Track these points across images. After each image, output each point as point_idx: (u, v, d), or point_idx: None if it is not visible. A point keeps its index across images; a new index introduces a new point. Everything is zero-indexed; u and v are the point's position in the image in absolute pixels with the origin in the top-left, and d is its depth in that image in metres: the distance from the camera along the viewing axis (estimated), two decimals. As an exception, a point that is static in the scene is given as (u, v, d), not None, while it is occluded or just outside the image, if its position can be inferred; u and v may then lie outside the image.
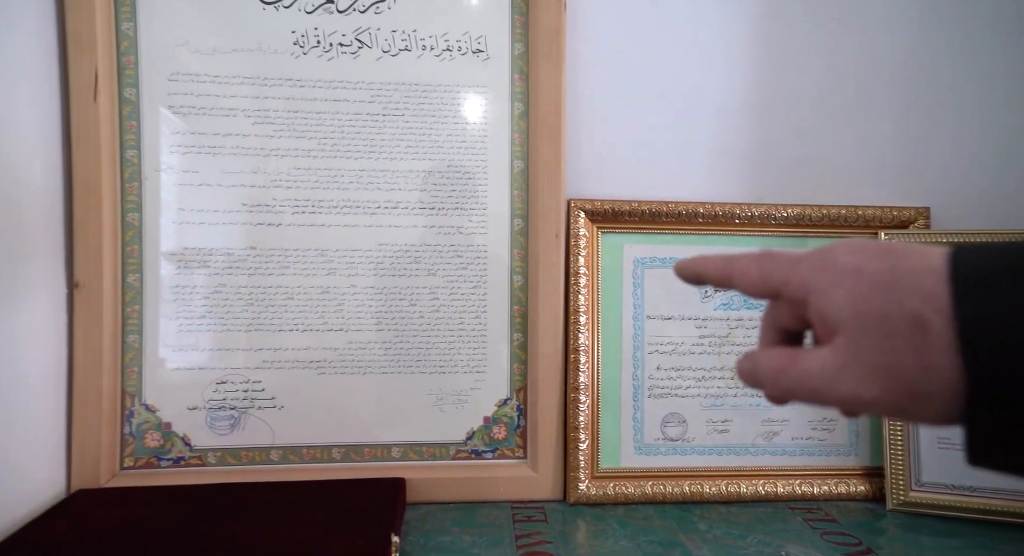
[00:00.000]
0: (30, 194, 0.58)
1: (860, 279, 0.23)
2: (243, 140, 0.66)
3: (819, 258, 0.25)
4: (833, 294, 0.24)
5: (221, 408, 0.67)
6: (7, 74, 0.55)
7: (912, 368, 0.21)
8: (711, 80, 0.73)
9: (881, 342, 0.22)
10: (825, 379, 0.23)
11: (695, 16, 0.72)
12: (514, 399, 0.71)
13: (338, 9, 0.66)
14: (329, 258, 0.68)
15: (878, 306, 0.22)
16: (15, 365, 0.56)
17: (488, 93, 0.69)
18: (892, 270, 0.23)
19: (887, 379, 0.22)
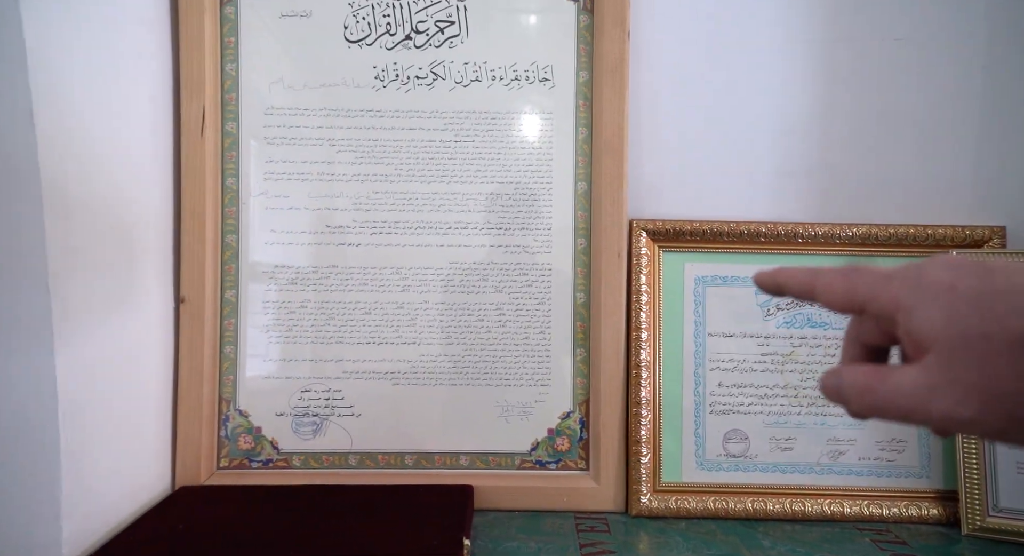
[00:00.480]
0: (145, 218, 0.65)
1: (955, 296, 0.22)
2: (328, 167, 0.72)
3: (911, 274, 0.25)
4: (926, 311, 0.23)
5: (305, 415, 0.72)
6: (131, 112, 0.62)
7: (1014, 392, 0.21)
8: (772, 102, 0.74)
9: (980, 363, 0.21)
10: (916, 398, 0.23)
11: (754, 42, 0.74)
12: (577, 412, 0.73)
13: (415, 45, 0.72)
14: (404, 276, 0.73)
15: (976, 325, 0.22)
16: (130, 373, 0.63)
17: (554, 119, 0.73)
18: (991, 288, 0.22)
19: (986, 402, 0.21)
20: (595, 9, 0.71)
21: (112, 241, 0.59)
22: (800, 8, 0.74)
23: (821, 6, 0.74)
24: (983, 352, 0.21)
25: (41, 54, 0.49)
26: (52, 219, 0.50)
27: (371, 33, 0.71)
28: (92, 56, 0.56)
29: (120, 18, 0.60)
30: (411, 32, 0.72)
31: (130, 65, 0.62)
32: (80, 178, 0.54)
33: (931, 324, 0.23)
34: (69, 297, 0.53)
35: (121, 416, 0.61)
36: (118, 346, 0.60)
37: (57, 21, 0.51)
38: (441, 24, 0.72)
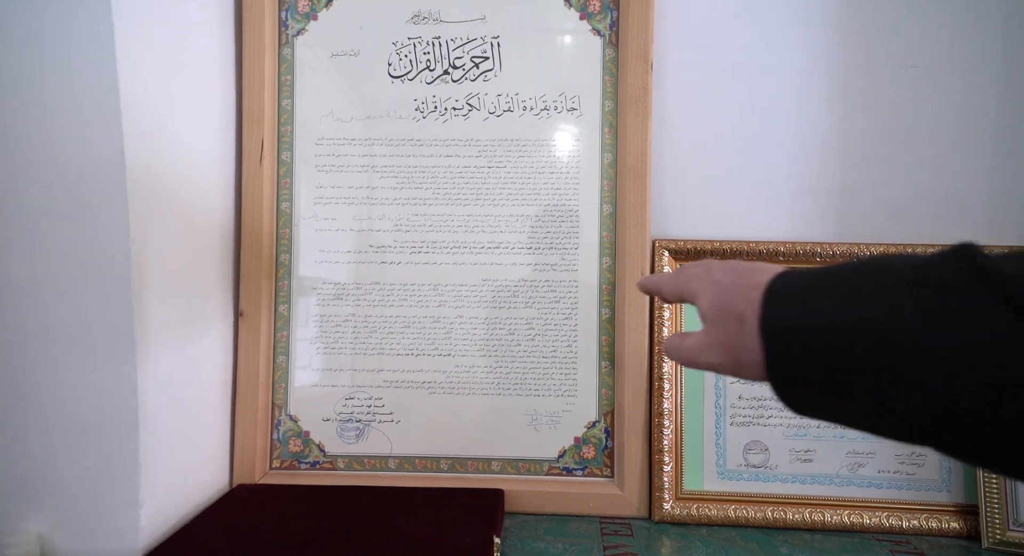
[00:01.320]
0: (211, 240, 0.72)
1: (718, 288, 0.36)
2: (371, 192, 0.78)
3: (703, 274, 0.38)
4: (704, 298, 0.37)
5: (349, 420, 0.78)
6: (200, 144, 0.69)
7: (736, 346, 0.34)
8: (790, 126, 0.78)
9: (723, 329, 0.35)
10: (695, 352, 0.37)
11: (772, 69, 0.78)
12: (602, 422, 0.77)
13: (453, 79, 0.78)
14: (440, 292, 0.78)
15: (724, 306, 0.35)
16: (196, 380, 0.69)
17: (580, 145, 0.78)
18: (734, 283, 0.35)
19: (724, 352, 0.35)
20: (620, 43, 0.76)
21: (183, 261, 0.66)
22: (817, 36, 0.78)
23: (837, 34, 0.77)
24: (725, 323, 0.34)
25: (131, 91, 0.56)
26: (137, 245, 0.57)
27: (412, 69, 0.78)
28: (171, 92, 0.63)
29: (193, 61, 0.68)
30: (449, 67, 0.78)
31: (201, 102, 0.70)
32: (158, 206, 0.61)
33: (706, 306, 0.36)
34: (148, 313, 0.59)
35: (188, 419, 0.67)
36: (187, 356, 0.67)
37: (144, 62, 0.59)
38: (476, 60, 0.78)
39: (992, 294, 0.24)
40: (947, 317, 0.25)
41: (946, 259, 0.26)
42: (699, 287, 0.37)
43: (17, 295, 0.56)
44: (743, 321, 0.33)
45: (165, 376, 0.63)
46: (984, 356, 0.23)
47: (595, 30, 0.77)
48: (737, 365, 0.34)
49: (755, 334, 0.32)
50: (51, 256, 0.56)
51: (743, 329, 0.33)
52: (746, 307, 0.33)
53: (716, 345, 0.35)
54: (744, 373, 0.34)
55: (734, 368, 0.34)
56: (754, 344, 0.32)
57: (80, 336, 0.57)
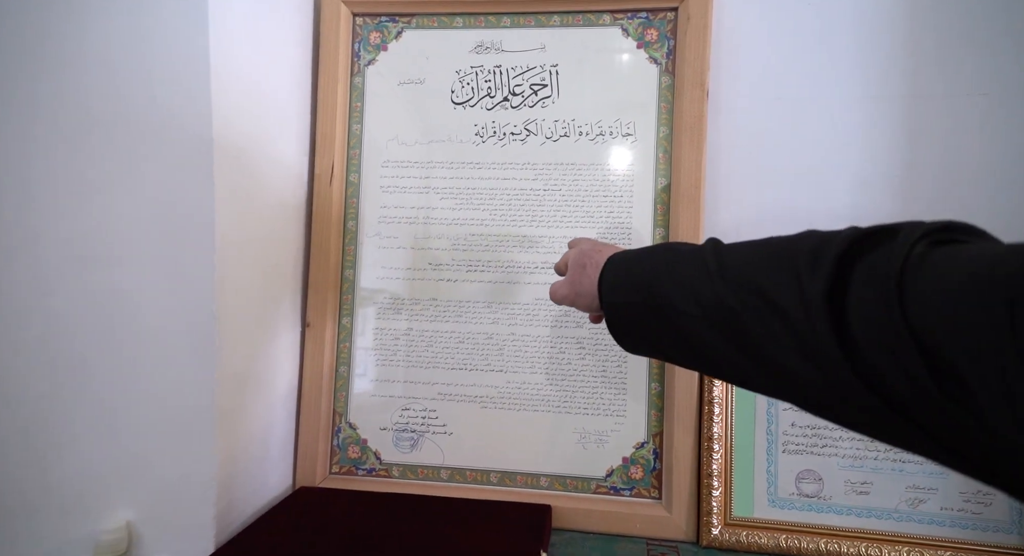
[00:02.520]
0: (284, 255, 0.78)
1: (579, 252, 0.54)
2: (432, 212, 0.82)
3: (576, 247, 0.57)
4: (571, 259, 0.54)
5: (404, 430, 0.81)
6: (278, 166, 0.75)
7: (577, 282, 0.52)
8: (852, 156, 0.77)
9: (572, 273, 0.53)
10: (558, 288, 0.55)
11: (831, 98, 0.78)
12: (651, 443, 0.78)
13: (512, 106, 0.81)
14: (494, 310, 0.81)
15: (576, 261, 0.53)
16: (266, 387, 0.74)
17: (635, 169, 0.79)
18: (590, 249, 0.53)
19: (571, 287, 0.53)
20: (676, 71, 0.78)
21: (259, 273, 0.71)
22: (878, 65, 0.77)
23: (900, 62, 0.77)
24: (574, 270, 0.53)
25: (221, 115, 0.62)
26: (220, 260, 0.63)
27: (474, 96, 0.82)
28: (254, 117, 0.69)
29: (273, 90, 0.74)
30: (508, 95, 0.81)
31: (280, 126, 0.75)
32: (239, 222, 0.67)
33: (569, 264, 0.55)
34: (228, 320, 0.65)
35: (257, 424, 0.72)
36: (258, 362, 0.72)
37: (229, 91, 0.64)
38: (535, 87, 0.81)
39: (708, 259, 0.39)
40: (681, 270, 0.41)
41: (704, 244, 0.42)
42: (571, 254, 0.55)
43: (114, 304, 0.62)
44: (584, 269, 0.51)
45: (239, 382, 0.68)
46: (696, 285, 0.39)
47: (652, 58, 0.79)
48: (576, 296, 0.53)
49: (590, 279, 0.50)
50: (146, 270, 0.62)
51: (583, 273, 0.51)
52: (588, 261, 0.52)
53: (567, 283, 0.54)
54: (580, 302, 0.53)
55: (574, 298, 0.53)
56: (589, 286, 0.50)
57: (169, 341, 0.62)
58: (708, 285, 0.38)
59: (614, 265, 0.48)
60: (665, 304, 0.40)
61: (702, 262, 0.39)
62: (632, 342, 0.47)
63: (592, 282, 0.49)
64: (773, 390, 0.38)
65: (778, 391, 0.37)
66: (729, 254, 0.39)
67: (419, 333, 0.82)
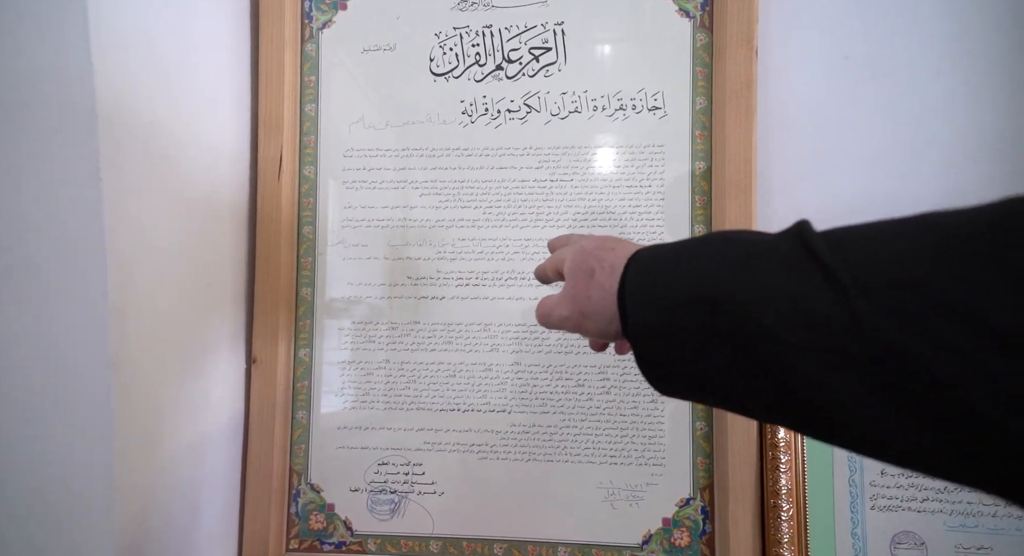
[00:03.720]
0: (219, 273, 0.60)
1: (578, 251, 0.36)
2: (410, 213, 0.65)
3: (573, 243, 0.38)
4: (568, 261, 0.36)
5: (382, 491, 0.64)
6: (206, 158, 0.57)
7: (583, 297, 0.34)
8: (939, 130, 0.61)
9: (573, 282, 0.35)
10: (552, 307, 0.36)
11: (913, 54, 0.62)
12: (698, 499, 0.61)
13: (507, 76, 0.64)
14: (492, 333, 0.64)
15: (578, 264, 0.35)
16: (201, 445, 0.56)
17: (665, 153, 0.63)
18: (596, 247, 0.35)
19: (573, 304, 0.35)
20: (715, 26, 0.62)
21: (181, 300, 0.54)
22: (975, 13, 0.61)
23: (1004, 6, 0.61)
24: (576, 277, 0.35)
25: (109, 85, 0.44)
26: (116, 284, 0.45)
27: (458, 65, 0.65)
28: (168, 92, 0.51)
29: (196, 56, 0.56)
30: (502, 62, 0.64)
31: (208, 106, 0.58)
32: (149, 230, 0.49)
33: (566, 267, 0.37)
34: (129, 366, 0.47)
35: (182, 496, 0.54)
36: (180, 418, 0.54)
37: (129, 51, 0.47)
38: (536, 51, 0.64)
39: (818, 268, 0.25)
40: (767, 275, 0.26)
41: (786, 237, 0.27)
42: (567, 254, 0.38)
43: None
44: (591, 275, 0.34)
45: (149, 442, 0.50)
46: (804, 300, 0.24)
47: (682, 10, 0.63)
48: (582, 317, 0.34)
49: (603, 288, 0.33)
50: (26, 309, 0.44)
51: (591, 282, 0.34)
52: (596, 264, 0.34)
53: (566, 298, 0.36)
54: (588, 325, 0.34)
55: (579, 320, 0.35)
56: (601, 300, 0.33)
57: (42, 400, 0.44)
58: (829, 300, 0.24)
59: (644, 268, 0.31)
60: (747, 329, 0.26)
61: (804, 261, 0.25)
62: (676, 383, 0.31)
63: (607, 295, 0.32)
64: (948, 469, 0.23)
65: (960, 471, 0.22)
66: (861, 247, 0.24)
67: (398, 366, 0.64)
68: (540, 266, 0.42)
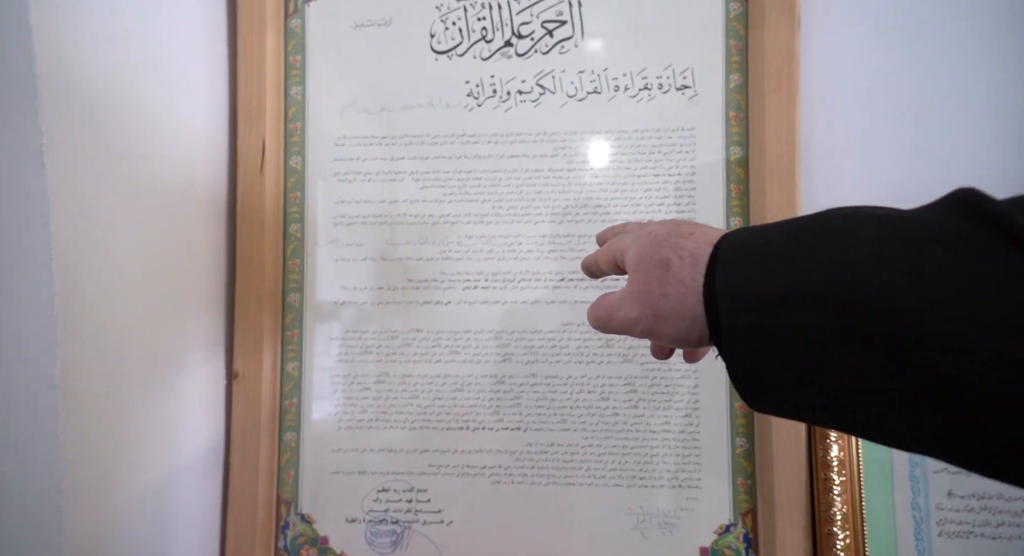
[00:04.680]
0: (194, 276, 0.53)
1: (647, 238, 0.30)
2: (410, 207, 0.58)
3: (637, 229, 0.32)
4: (631, 250, 0.30)
5: (382, 521, 0.56)
6: (176, 149, 0.50)
7: (657, 294, 0.28)
8: (1002, 109, 0.55)
9: (643, 277, 0.29)
10: (613, 307, 0.30)
11: (973, 29, 0.55)
12: (740, 525, 0.54)
13: (517, 53, 0.57)
14: (505, 341, 0.57)
15: (648, 254, 0.29)
16: (172, 474, 0.49)
17: (696, 137, 0.56)
18: (669, 233, 0.29)
19: (643, 303, 0.28)
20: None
21: (147, 307, 0.46)
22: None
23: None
24: (646, 271, 0.29)
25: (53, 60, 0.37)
26: (66, 289, 0.37)
27: (463, 41, 0.58)
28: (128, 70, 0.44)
29: (170, 35, 0.49)
30: (512, 37, 0.58)
31: (179, 91, 0.50)
32: (106, 227, 0.42)
33: (630, 257, 0.30)
34: (80, 383, 0.39)
35: (147, 537, 0.47)
36: (148, 444, 0.47)
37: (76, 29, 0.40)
38: (550, 25, 0.57)
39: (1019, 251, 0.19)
40: (966, 280, 0.19)
41: (948, 210, 0.21)
42: (628, 242, 0.31)
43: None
44: (667, 267, 0.28)
45: (105, 475, 0.42)
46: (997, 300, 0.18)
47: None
48: (655, 319, 0.28)
49: (682, 283, 0.27)
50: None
51: (666, 276, 0.28)
52: (673, 253, 0.28)
53: (633, 296, 0.29)
54: (662, 330, 0.28)
55: (651, 324, 0.28)
56: (682, 297, 0.27)
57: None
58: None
59: (740, 255, 0.25)
60: (907, 333, 0.20)
61: (996, 244, 0.19)
62: (785, 400, 0.24)
63: (689, 291, 0.26)
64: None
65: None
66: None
67: (399, 379, 0.57)
68: (590, 257, 0.36)
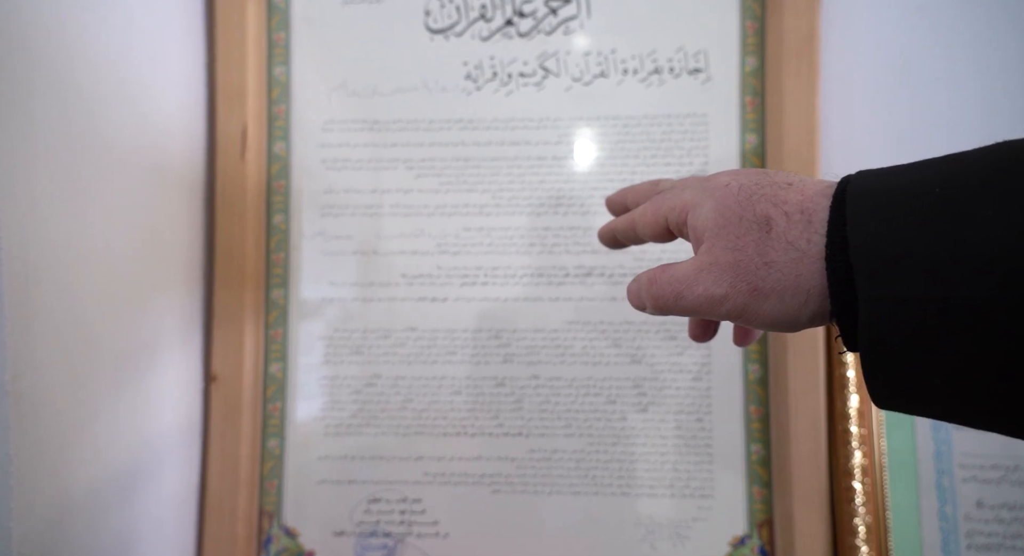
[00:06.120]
0: (168, 270, 0.48)
1: (727, 192, 0.24)
2: (404, 197, 0.54)
3: (700, 181, 0.26)
4: (704, 207, 0.24)
5: (373, 534, 0.53)
6: (149, 135, 0.46)
7: (755, 263, 0.22)
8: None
9: (734, 244, 0.22)
10: (685, 282, 0.24)
11: (1007, 8, 0.52)
12: (756, 537, 0.51)
13: (519, 32, 0.54)
14: (505, 341, 0.53)
15: (735, 211, 0.23)
16: (141, 486, 0.45)
17: (709, 123, 0.53)
18: (755, 182, 0.23)
19: (734, 275, 0.22)
20: (766, -28, 0.52)
21: (114, 303, 0.42)
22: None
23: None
24: (736, 234, 0.23)
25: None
26: (16, 280, 0.33)
27: (460, 19, 0.54)
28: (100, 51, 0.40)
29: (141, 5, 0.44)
30: (513, 16, 0.54)
31: (154, 67, 0.46)
32: (67, 215, 0.37)
33: (705, 216, 0.24)
34: (40, 388, 0.35)
35: (125, 543, 0.43)
36: (115, 448, 0.42)
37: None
38: (554, 3, 0.54)
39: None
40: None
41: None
42: (694, 197, 0.25)
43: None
44: (768, 227, 0.22)
45: (65, 491, 0.38)
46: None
47: (728, -46, 0.53)
48: (754, 296, 0.22)
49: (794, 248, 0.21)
50: None
51: (767, 239, 0.22)
52: (773, 209, 0.22)
53: (718, 266, 0.23)
54: (762, 309, 0.22)
55: (748, 301, 0.22)
56: (789, 262, 0.21)
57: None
58: None
59: (887, 206, 0.19)
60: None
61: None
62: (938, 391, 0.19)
63: (807, 255, 0.21)
64: None
65: None
66: None
67: (391, 382, 0.53)
68: (621, 220, 0.30)
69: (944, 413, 0.20)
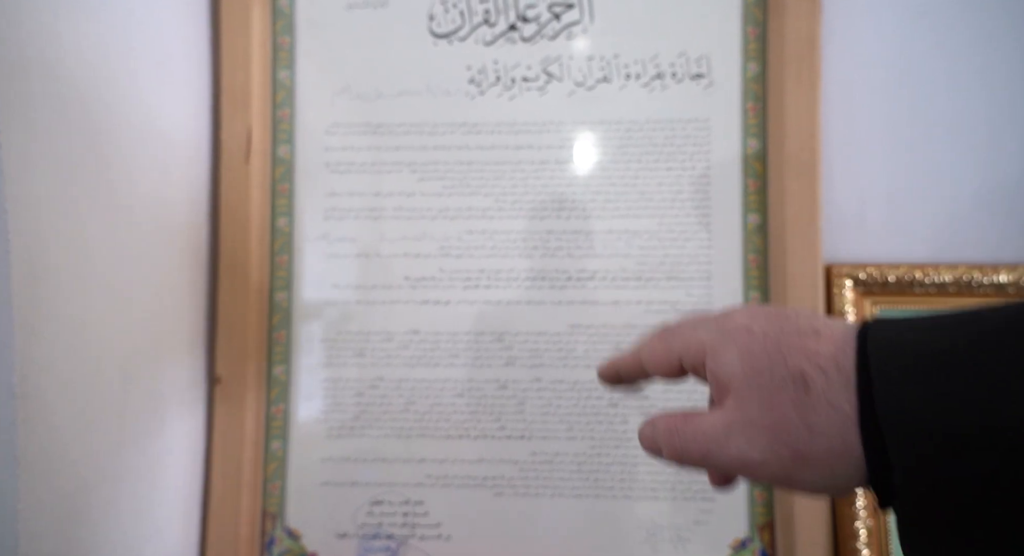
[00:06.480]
0: (173, 273, 0.49)
1: (751, 337, 0.22)
2: (407, 200, 0.54)
3: (716, 320, 0.25)
4: (725, 353, 0.23)
5: (376, 536, 0.53)
6: (154, 138, 0.46)
7: (796, 426, 0.21)
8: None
9: (768, 400, 0.21)
10: (714, 440, 0.22)
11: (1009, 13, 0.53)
12: (757, 540, 0.51)
13: (522, 37, 0.54)
14: (508, 344, 0.53)
15: (765, 363, 0.22)
16: (145, 490, 0.45)
17: (711, 129, 0.53)
18: (780, 330, 0.22)
19: (773, 438, 0.21)
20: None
21: (120, 306, 0.42)
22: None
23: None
24: (769, 390, 0.21)
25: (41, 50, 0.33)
26: (25, 282, 0.34)
27: (464, 24, 0.54)
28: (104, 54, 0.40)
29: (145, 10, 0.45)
30: (517, 20, 0.54)
31: (159, 73, 0.46)
32: (74, 219, 0.38)
33: (730, 364, 0.23)
34: (48, 391, 0.35)
35: (130, 544, 0.43)
36: (121, 450, 0.43)
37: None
38: (557, 8, 0.54)
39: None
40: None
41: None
42: (711, 338, 0.23)
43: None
44: (805, 386, 0.20)
45: (74, 490, 0.38)
46: None
47: (730, -40, 0.53)
48: (798, 463, 0.20)
49: (834, 409, 0.20)
50: None
51: (807, 400, 0.20)
52: (807, 363, 0.21)
53: (753, 427, 0.21)
54: (803, 477, 0.21)
55: (790, 469, 0.21)
56: (831, 426, 0.20)
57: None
58: None
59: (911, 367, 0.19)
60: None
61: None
62: None
63: (850, 419, 0.20)
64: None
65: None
66: None
67: (394, 384, 0.54)
68: (624, 358, 0.28)
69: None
